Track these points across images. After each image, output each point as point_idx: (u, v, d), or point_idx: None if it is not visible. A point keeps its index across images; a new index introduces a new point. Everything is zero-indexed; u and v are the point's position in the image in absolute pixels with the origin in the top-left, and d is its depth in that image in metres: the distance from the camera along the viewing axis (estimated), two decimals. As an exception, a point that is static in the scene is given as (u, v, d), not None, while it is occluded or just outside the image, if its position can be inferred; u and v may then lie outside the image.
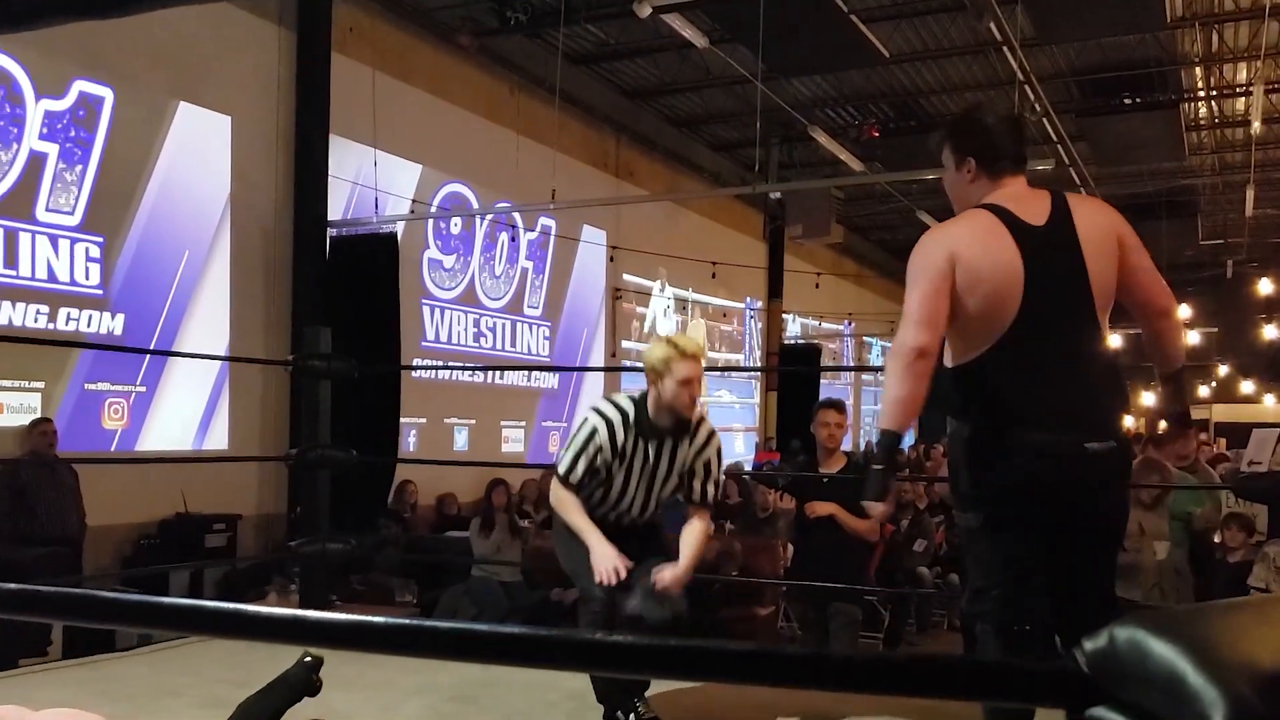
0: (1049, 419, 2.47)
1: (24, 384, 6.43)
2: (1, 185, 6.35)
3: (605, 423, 3.35)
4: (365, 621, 0.91)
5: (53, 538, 6.00)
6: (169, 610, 0.97)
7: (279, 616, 0.94)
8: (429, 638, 0.90)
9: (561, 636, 0.87)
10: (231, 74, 7.74)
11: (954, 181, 2.68)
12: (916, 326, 2.47)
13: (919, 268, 2.52)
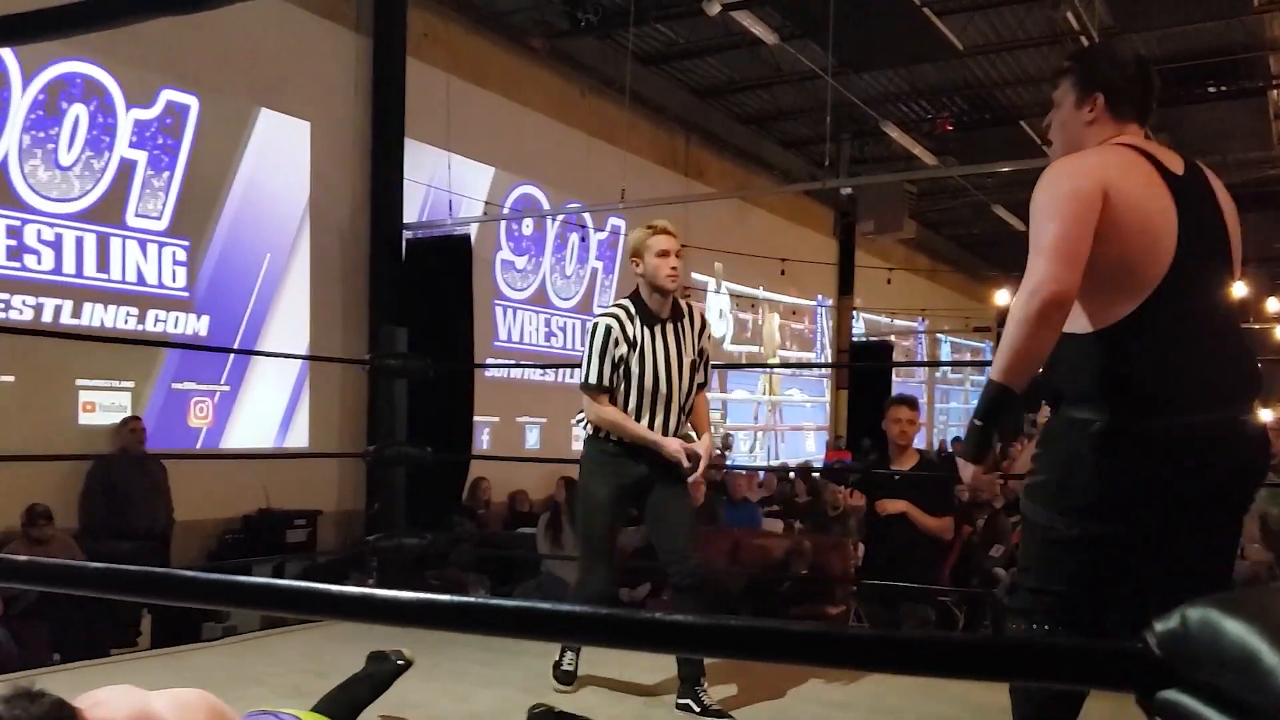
0: (1208, 397, 2.10)
1: (115, 383, 6.64)
2: (94, 192, 6.57)
3: (610, 318, 3.46)
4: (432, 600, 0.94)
5: (142, 532, 6.21)
6: (248, 589, 1.01)
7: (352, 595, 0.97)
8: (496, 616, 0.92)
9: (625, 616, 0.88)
10: (311, 80, 7.91)
11: (1069, 120, 2.32)
12: (1057, 263, 2.03)
13: (1062, 194, 2.09)
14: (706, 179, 12.87)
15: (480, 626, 0.90)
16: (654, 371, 3.43)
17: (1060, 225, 2.06)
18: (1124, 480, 2.10)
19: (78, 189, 6.48)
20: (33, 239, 6.24)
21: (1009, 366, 2.08)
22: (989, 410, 2.13)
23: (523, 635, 0.90)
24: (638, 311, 3.46)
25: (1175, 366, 2.10)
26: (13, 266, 6.13)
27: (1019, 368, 2.08)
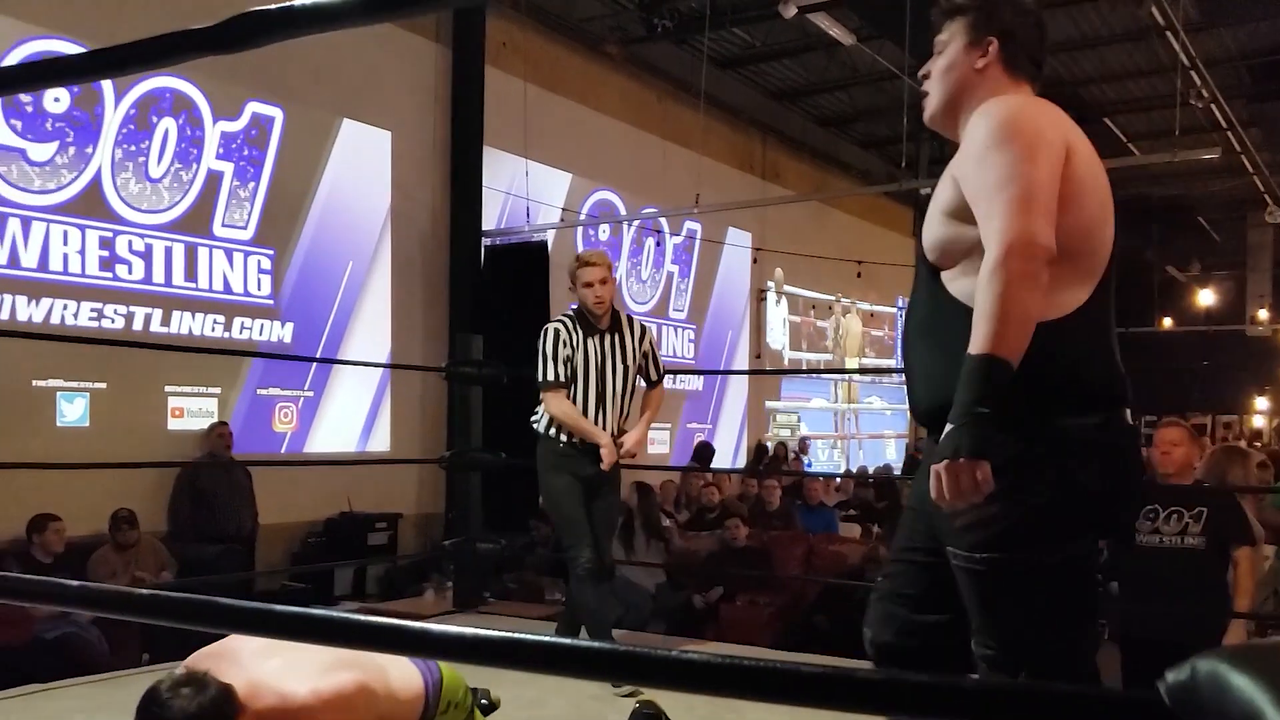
0: (1127, 396, 1.87)
1: (203, 390, 6.82)
2: (183, 203, 6.75)
3: (559, 325, 4.02)
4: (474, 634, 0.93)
5: (229, 535, 6.36)
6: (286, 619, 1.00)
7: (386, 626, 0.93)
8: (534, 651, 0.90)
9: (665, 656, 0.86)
10: (391, 90, 8.04)
11: (957, 63, 1.97)
12: (1040, 217, 1.69)
13: (1033, 134, 1.75)
14: (783, 181, 12.79)
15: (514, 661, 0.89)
16: (597, 373, 3.97)
17: (1042, 169, 1.72)
18: (1095, 490, 1.80)
19: (167, 200, 6.67)
20: (124, 250, 6.44)
21: (1002, 335, 1.66)
22: (989, 391, 1.66)
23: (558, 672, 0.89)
24: (579, 323, 4.00)
25: (1115, 362, 1.86)
26: (105, 276, 6.33)
27: (1014, 334, 1.67)
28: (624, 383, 4.04)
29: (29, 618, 5.08)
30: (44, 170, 6.08)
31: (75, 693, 4.58)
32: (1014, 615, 1.82)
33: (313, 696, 2.25)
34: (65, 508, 5.49)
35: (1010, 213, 1.68)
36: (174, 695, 2.14)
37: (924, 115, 2.06)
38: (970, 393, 1.67)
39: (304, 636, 0.98)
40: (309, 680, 2.27)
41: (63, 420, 6.10)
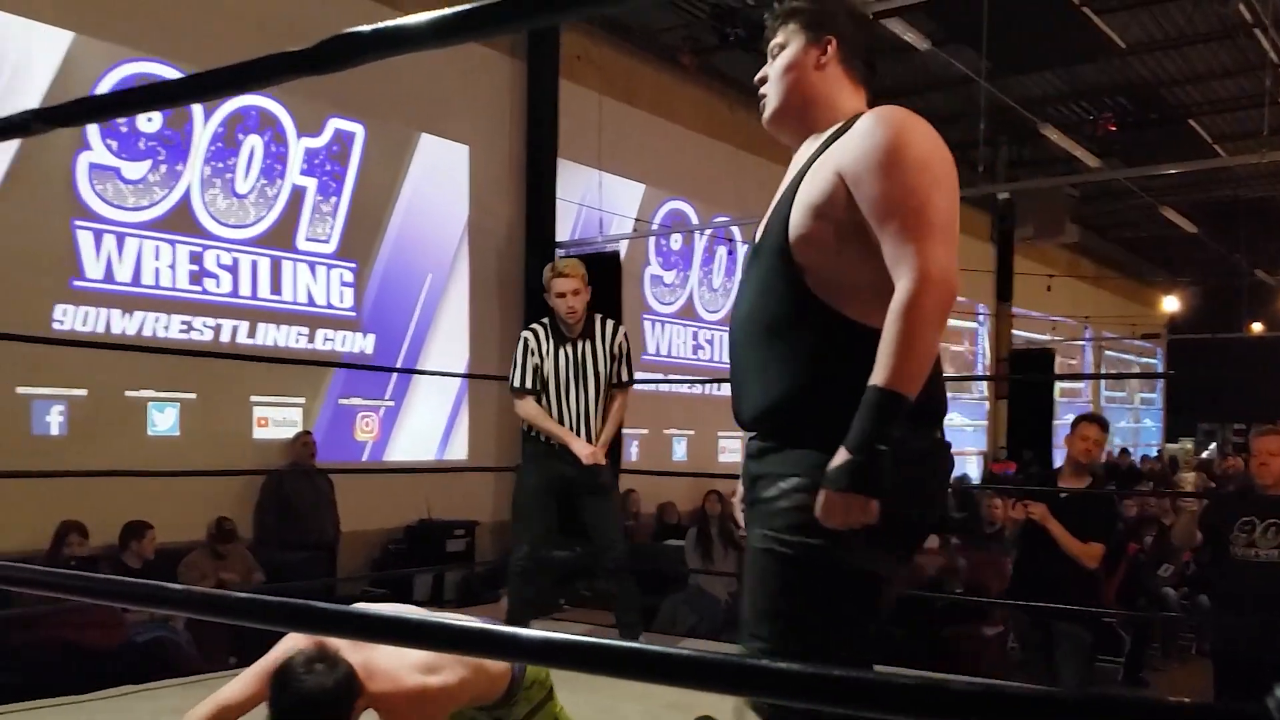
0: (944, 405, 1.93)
1: (287, 400, 6.98)
2: (268, 218, 6.93)
3: (530, 333, 4.24)
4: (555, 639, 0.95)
5: (312, 542, 6.49)
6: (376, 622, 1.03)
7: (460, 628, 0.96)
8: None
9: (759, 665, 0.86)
10: (469, 105, 8.16)
11: (797, 63, 1.94)
12: (951, 249, 1.71)
13: (941, 160, 1.75)
14: (857, 188, 12.67)
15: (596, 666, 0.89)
16: (567, 381, 4.13)
17: (936, 204, 1.71)
18: (919, 505, 1.80)
19: (253, 215, 6.85)
20: (212, 264, 6.62)
21: (911, 372, 1.66)
22: (888, 428, 1.67)
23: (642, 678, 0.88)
24: (551, 332, 4.19)
25: (942, 380, 1.88)
26: (194, 290, 6.52)
27: (920, 373, 1.68)
28: (595, 389, 4.18)
29: (122, 621, 5.24)
30: (137, 188, 6.28)
31: (167, 694, 4.70)
32: (802, 608, 1.79)
33: (420, 683, 2.41)
34: (155, 515, 5.65)
35: (928, 245, 1.68)
36: (309, 670, 2.26)
37: (762, 118, 2.03)
38: (872, 425, 1.66)
39: (393, 639, 1.05)
40: (417, 666, 2.42)
41: (154, 430, 6.29)
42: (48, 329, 5.79)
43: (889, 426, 1.66)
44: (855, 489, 1.66)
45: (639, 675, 0.88)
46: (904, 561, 1.87)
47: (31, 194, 5.79)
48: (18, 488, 5.33)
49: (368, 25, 0.97)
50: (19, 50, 5.74)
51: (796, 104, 1.96)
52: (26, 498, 5.37)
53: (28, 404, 5.76)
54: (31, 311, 5.72)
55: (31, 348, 5.47)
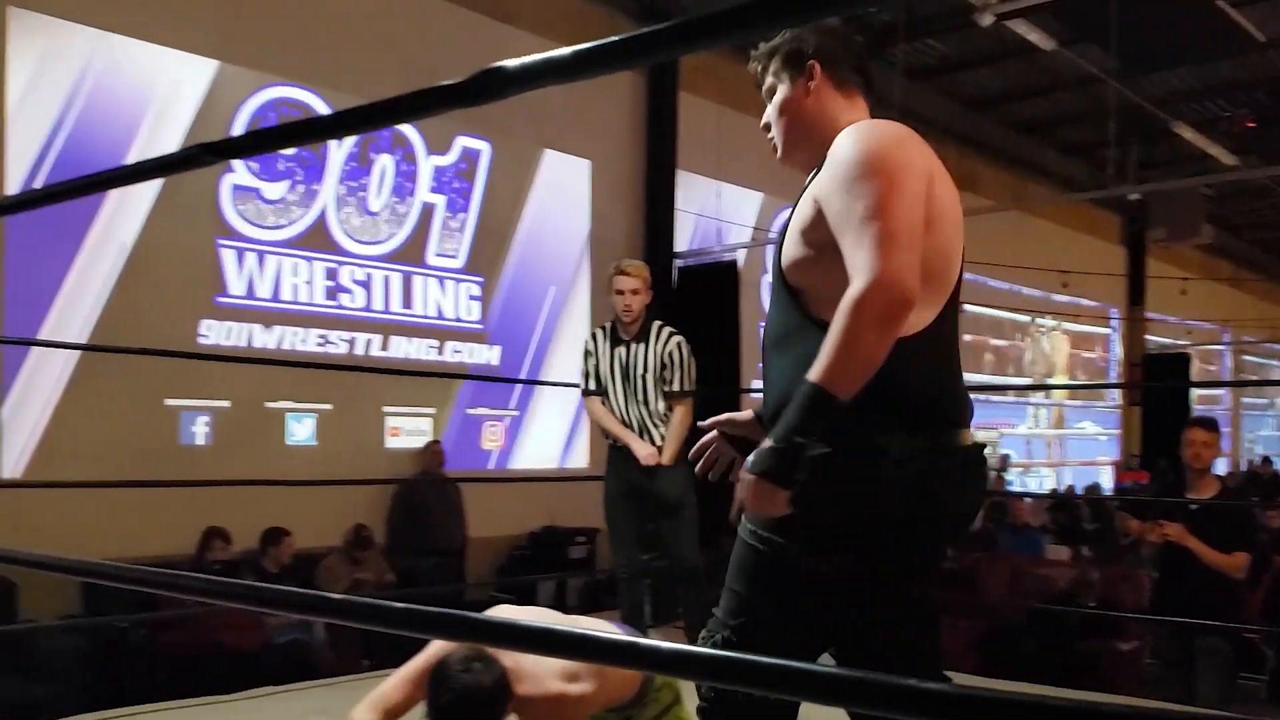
0: (965, 417, 1.83)
1: (418, 410, 7.13)
2: (399, 235, 7.10)
3: (590, 338, 4.33)
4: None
5: (441, 548, 6.62)
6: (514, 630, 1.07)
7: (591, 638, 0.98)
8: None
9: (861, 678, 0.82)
10: (590, 121, 8.21)
11: (790, 100, 1.96)
12: (909, 252, 1.64)
13: (900, 165, 1.71)
14: (979, 190, 12.34)
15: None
16: (622, 381, 4.16)
17: (895, 210, 1.65)
18: (892, 512, 1.73)
19: (385, 233, 7.02)
20: (347, 279, 6.81)
21: (844, 372, 1.62)
22: (813, 422, 1.63)
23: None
24: (609, 333, 4.24)
25: (952, 384, 1.81)
26: (330, 305, 6.72)
27: (856, 374, 1.63)
28: (644, 392, 4.16)
29: (262, 624, 5.42)
30: (276, 208, 6.50)
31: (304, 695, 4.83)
32: (763, 604, 1.79)
33: (561, 690, 2.47)
34: (293, 521, 5.83)
35: (878, 249, 1.63)
36: (466, 669, 2.32)
37: (777, 158, 2.05)
38: (796, 419, 1.65)
39: (522, 645, 1.07)
40: (559, 672, 2.48)
41: (292, 440, 6.50)
42: (194, 344, 6.04)
43: (815, 422, 1.63)
44: (766, 476, 1.65)
45: (772, 689, 0.86)
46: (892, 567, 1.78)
47: (180, 215, 6.05)
48: (166, 495, 5.55)
49: (515, 60, 1.02)
50: (169, 79, 6.00)
51: (799, 138, 1.97)
52: (174, 504, 5.60)
53: (176, 415, 6.01)
54: (179, 327, 5.98)
55: (179, 361, 5.70)
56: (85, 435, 5.54)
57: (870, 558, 1.75)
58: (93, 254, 5.69)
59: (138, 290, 5.81)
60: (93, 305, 5.69)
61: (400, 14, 6.92)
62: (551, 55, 0.99)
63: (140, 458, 5.61)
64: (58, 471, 5.36)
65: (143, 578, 1.41)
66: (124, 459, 5.53)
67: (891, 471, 1.71)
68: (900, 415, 1.72)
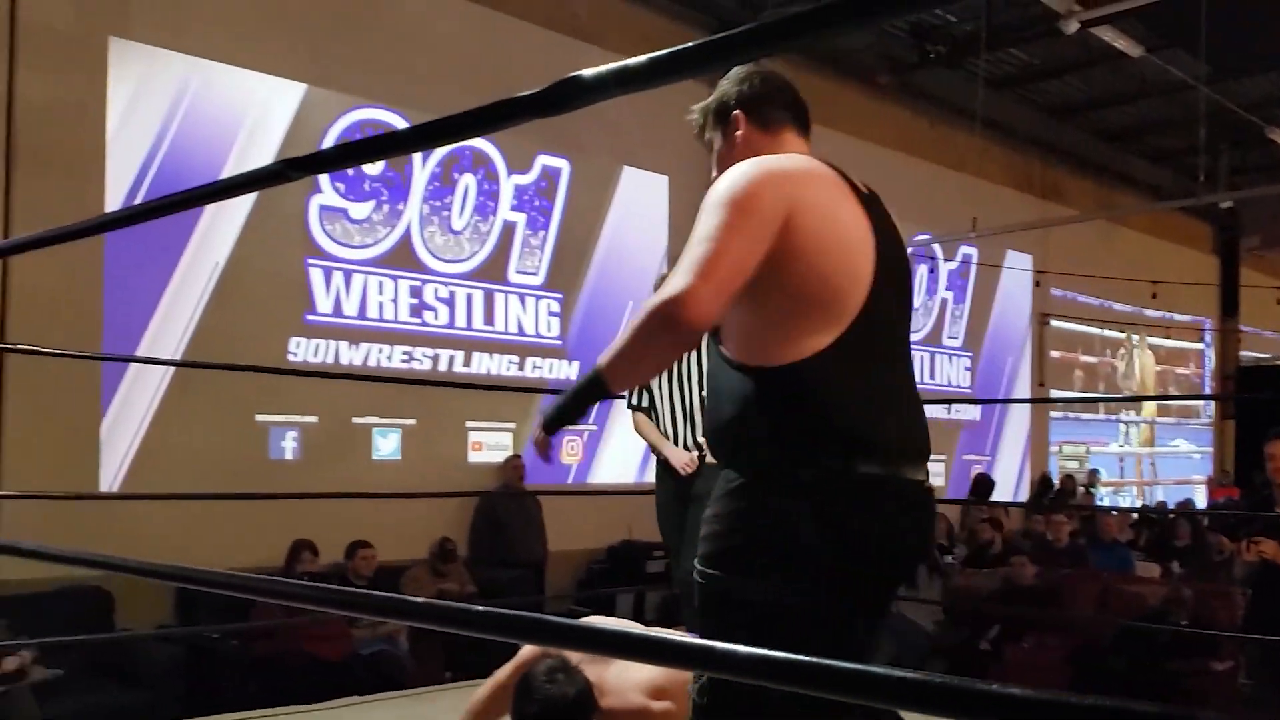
0: (906, 447, 1.80)
1: (499, 424, 7.16)
2: (481, 253, 7.14)
3: None
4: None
5: (521, 561, 6.63)
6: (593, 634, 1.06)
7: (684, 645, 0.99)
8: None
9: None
10: (667, 137, 8.16)
11: (724, 153, 2.03)
12: (710, 284, 1.68)
13: (743, 201, 1.73)
14: (1065, 200, 12.04)
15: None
16: (671, 392, 4.01)
17: (724, 242, 1.70)
18: (807, 539, 1.71)
19: (467, 250, 7.07)
20: (430, 297, 6.87)
21: (619, 369, 1.79)
22: (584, 398, 1.89)
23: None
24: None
25: (866, 408, 1.76)
26: (414, 322, 6.78)
27: (626, 374, 1.84)
28: (691, 402, 4.08)
29: (347, 635, 5.48)
30: (362, 227, 6.59)
31: (387, 705, 4.87)
32: (714, 637, 1.68)
33: (643, 704, 2.48)
34: (378, 534, 5.89)
35: (690, 270, 1.69)
36: (550, 680, 2.33)
37: None
38: (574, 391, 1.90)
39: (611, 651, 1.07)
40: (644, 688, 2.48)
41: (377, 454, 6.56)
42: (283, 360, 6.13)
43: (584, 395, 1.87)
44: (542, 426, 1.99)
45: (862, 696, 0.86)
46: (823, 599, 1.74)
47: (270, 235, 6.16)
48: (256, 509, 5.65)
49: (591, 69, 1.02)
50: (259, 102, 6.13)
51: None
52: (264, 518, 5.70)
53: (266, 431, 6.12)
54: (269, 344, 6.08)
55: (270, 378, 5.81)
56: (179, 450, 5.66)
57: (798, 587, 1.72)
58: (187, 274, 5.82)
59: (230, 308, 5.93)
60: (187, 324, 5.81)
61: (484, 36, 6.98)
62: (626, 64, 0.99)
63: (231, 472, 5.71)
64: (153, 485, 5.48)
65: (256, 585, 1.47)
66: (216, 473, 5.63)
67: (802, 498, 1.71)
68: (811, 442, 1.73)
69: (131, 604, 5.37)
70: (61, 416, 5.37)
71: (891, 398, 1.83)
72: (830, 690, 0.87)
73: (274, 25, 6.15)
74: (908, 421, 1.84)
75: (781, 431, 1.74)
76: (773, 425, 1.74)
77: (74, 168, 5.35)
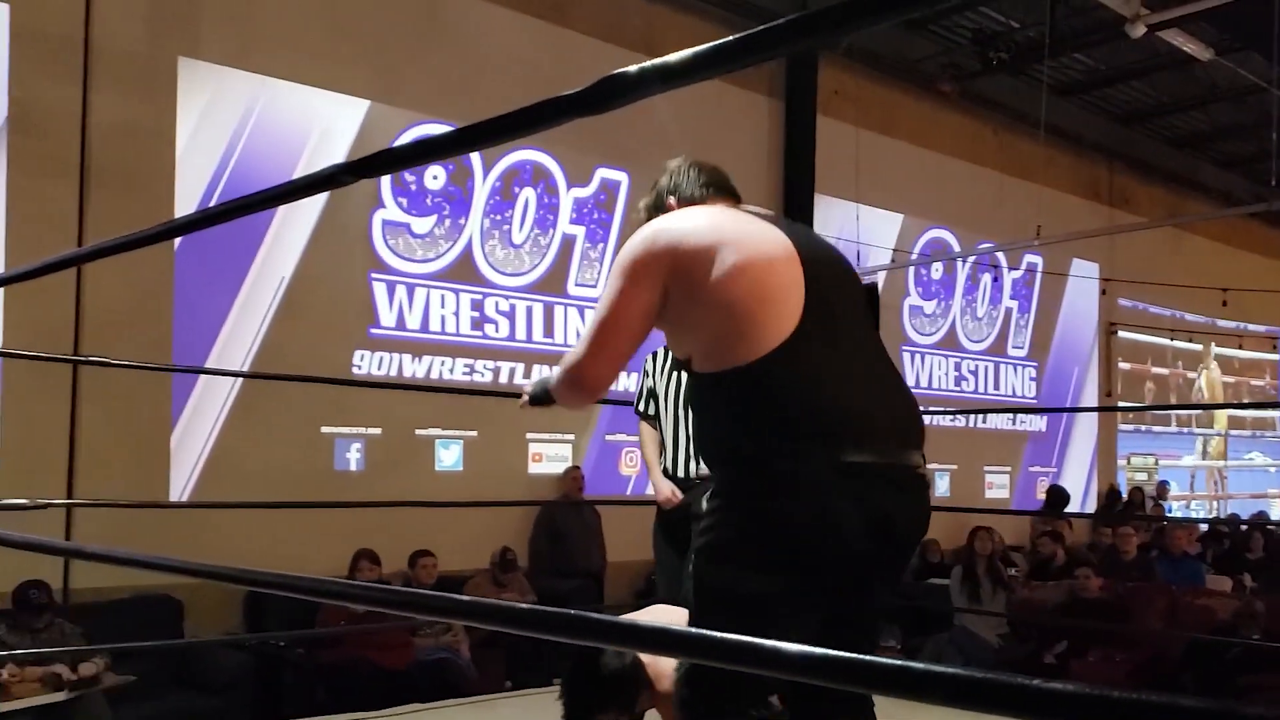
0: (878, 433, 1.84)
1: (558, 436, 7.14)
2: (541, 266, 7.13)
3: (649, 357, 3.97)
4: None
5: (580, 571, 6.59)
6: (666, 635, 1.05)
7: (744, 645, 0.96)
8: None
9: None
10: (727, 146, 8.10)
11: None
12: (601, 353, 1.97)
13: (630, 269, 1.93)
14: (1133, 207, 11.73)
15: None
16: (674, 405, 3.82)
17: (613, 312, 1.92)
18: (781, 527, 1.79)
19: (527, 264, 7.07)
20: (492, 310, 6.88)
21: (559, 396, 2.15)
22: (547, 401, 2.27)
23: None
24: (666, 357, 3.90)
25: (856, 399, 1.84)
26: (476, 335, 6.79)
27: (564, 402, 2.16)
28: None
29: (410, 643, 5.49)
30: (424, 241, 6.62)
31: (449, 713, 4.87)
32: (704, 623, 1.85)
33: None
34: (439, 544, 5.89)
35: (582, 342, 1.98)
36: (600, 650, 2.35)
37: None
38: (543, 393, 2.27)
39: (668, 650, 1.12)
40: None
41: (440, 465, 6.58)
42: (348, 373, 6.18)
43: (546, 400, 2.26)
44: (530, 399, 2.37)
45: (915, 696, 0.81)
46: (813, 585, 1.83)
47: (335, 250, 6.21)
48: (322, 518, 5.70)
49: (633, 65, 1.03)
50: (324, 119, 6.19)
51: None
52: (329, 527, 5.74)
53: (331, 442, 6.16)
54: (334, 357, 6.13)
55: (335, 391, 5.86)
56: (247, 461, 5.72)
57: (787, 576, 1.80)
58: (254, 288, 5.89)
59: (295, 322, 5.98)
60: (254, 337, 5.88)
61: (547, 50, 6.98)
62: (668, 59, 0.98)
63: (297, 483, 5.75)
64: (221, 495, 5.53)
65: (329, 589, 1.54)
66: (282, 484, 5.67)
67: (782, 488, 1.78)
68: (781, 434, 1.80)
69: (200, 612, 5.44)
70: (133, 428, 5.45)
71: (865, 385, 1.88)
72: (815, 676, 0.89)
73: (339, 43, 6.21)
74: (892, 408, 1.90)
75: (754, 426, 1.82)
76: (745, 421, 1.83)
77: (145, 185, 5.44)
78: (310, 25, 6.12)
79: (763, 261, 1.88)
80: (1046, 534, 7.77)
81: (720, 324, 1.85)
